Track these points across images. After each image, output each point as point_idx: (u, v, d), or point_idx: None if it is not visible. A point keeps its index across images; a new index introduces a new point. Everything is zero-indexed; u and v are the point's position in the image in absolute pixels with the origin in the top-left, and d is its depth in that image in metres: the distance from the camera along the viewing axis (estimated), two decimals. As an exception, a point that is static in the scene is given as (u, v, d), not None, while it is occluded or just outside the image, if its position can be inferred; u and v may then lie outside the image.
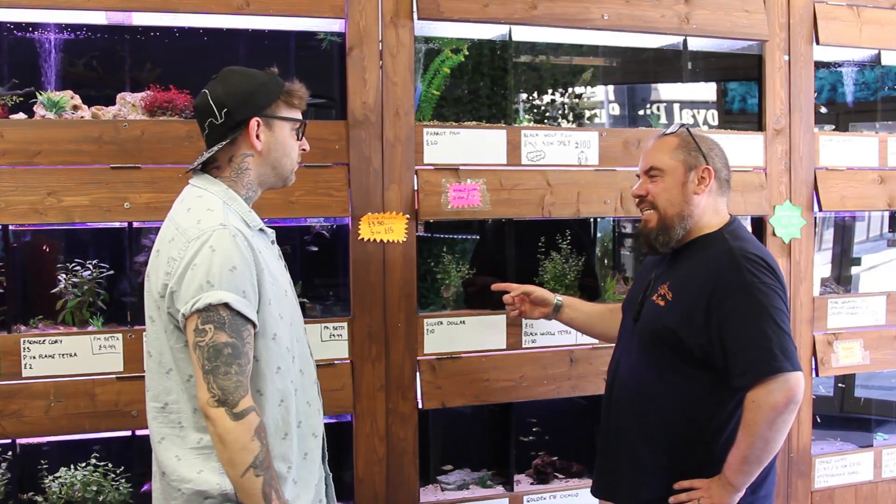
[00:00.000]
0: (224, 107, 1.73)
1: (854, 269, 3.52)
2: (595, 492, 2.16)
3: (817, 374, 3.09)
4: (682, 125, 2.07)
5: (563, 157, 2.76)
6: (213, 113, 1.73)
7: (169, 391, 1.70)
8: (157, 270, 1.69)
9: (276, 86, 1.80)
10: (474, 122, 2.77)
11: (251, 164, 1.80)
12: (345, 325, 2.56)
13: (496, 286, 2.48)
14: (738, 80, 3.37)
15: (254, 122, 1.76)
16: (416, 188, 2.61)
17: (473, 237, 3.03)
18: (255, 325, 1.65)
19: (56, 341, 2.32)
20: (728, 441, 1.90)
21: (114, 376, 2.36)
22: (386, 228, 2.57)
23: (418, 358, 2.63)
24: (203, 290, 1.60)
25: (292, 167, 1.87)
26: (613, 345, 2.23)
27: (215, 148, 1.75)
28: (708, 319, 1.88)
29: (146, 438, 1.80)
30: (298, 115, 1.85)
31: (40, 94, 2.38)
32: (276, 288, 1.74)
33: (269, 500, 1.61)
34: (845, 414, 3.57)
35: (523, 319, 2.70)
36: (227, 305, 1.60)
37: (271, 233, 1.85)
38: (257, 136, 1.77)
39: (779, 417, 1.81)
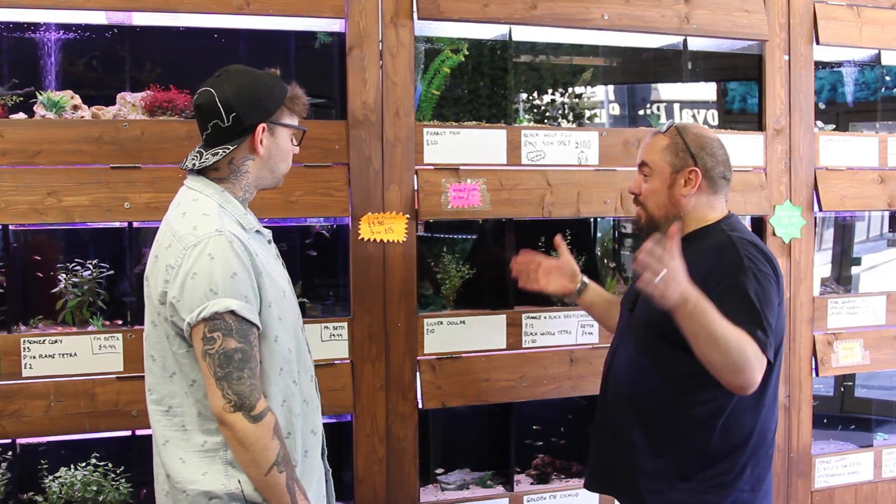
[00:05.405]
0: (232, 110, 1.71)
1: (854, 269, 3.52)
2: (590, 485, 2.14)
3: (817, 374, 3.09)
4: (674, 124, 2.04)
5: (563, 157, 2.76)
6: (219, 115, 1.71)
7: (173, 395, 1.71)
8: (156, 276, 1.69)
9: (281, 91, 1.79)
10: (474, 122, 2.77)
11: (251, 168, 1.79)
12: (345, 324, 2.56)
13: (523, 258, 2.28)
14: (738, 80, 3.36)
15: (260, 127, 1.75)
16: (416, 188, 2.61)
17: (473, 237, 3.02)
18: (258, 328, 1.67)
19: (56, 341, 2.32)
20: (725, 427, 1.89)
21: (114, 376, 2.36)
22: (386, 228, 2.58)
23: (418, 358, 2.63)
24: (208, 298, 1.60)
25: (287, 171, 1.88)
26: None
27: (220, 152, 1.73)
28: None
29: (146, 438, 1.80)
30: (297, 122, 1.85)
31: (40, 93, 2.38)
32: (275, 290, 1.74)
33: (293, 493, 1.66)
34: (845, 414, 3.57)
35: (523, 319, 2.70)
36: (232, 312, 1.61)
37: (268, 233, 1.85)
38: (260, 141, 1.77)
39: (740, 373, 1.72)
